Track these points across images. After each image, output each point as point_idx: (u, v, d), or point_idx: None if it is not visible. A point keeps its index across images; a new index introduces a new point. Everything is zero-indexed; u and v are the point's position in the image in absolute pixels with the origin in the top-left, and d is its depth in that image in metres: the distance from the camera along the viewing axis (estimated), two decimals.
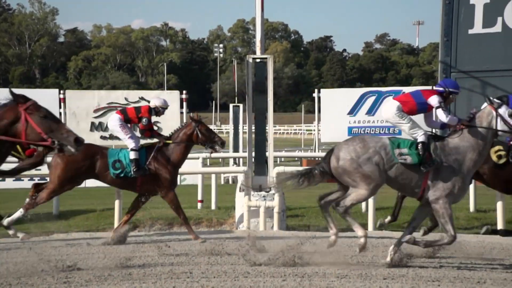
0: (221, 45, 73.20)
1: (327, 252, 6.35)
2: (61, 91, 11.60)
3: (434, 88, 6.33)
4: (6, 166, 5.08)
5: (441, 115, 6.01)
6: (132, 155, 7.27)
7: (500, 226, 7.77)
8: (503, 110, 5.83)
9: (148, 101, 11.52)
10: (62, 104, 11.40)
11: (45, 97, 11.59)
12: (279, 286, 5.07)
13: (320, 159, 7.85)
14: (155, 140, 7.64)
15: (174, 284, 5.10)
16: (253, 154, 8.92)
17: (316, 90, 11.47)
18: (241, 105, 16.65)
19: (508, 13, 8.20)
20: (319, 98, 11.18)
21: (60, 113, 11.42)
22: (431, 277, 5.33)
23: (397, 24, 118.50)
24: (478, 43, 8.33)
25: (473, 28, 8.36)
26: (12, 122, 4.05)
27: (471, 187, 10.36)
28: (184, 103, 11.52)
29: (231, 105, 17.17)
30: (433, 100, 6.04)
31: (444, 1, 8.43)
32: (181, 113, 11.43)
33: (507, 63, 8.18)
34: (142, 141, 7.67)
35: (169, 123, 11.43)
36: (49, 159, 7.38)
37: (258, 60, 8.99)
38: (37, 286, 5.09)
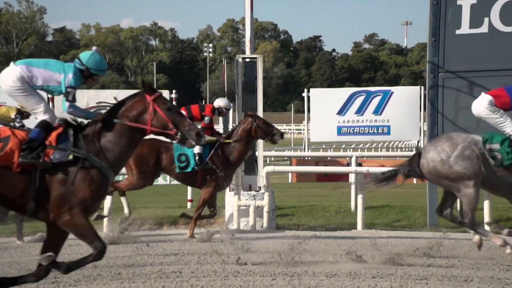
0: (210, 45, 73.07)
1: (316, 251, 6.39)
2: None
3: None
4: None
5: None
6: (197, 149, 7.38)
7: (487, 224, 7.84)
8: None
9: None
10: (51, 103, 11.31)
11: None
12: (268, 285, 5.08)
13: (308, 158, 7.87)
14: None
15: (163, 284, 5.09)
16: None
17: (305, 90, 11.53)
18: (231, 105, 16.63)
19: (494, 14, 8.28)
20: (308, 97, 11.23)
21: None
22: (420, 275, 5.36)
23: (385, 24, 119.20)
24: (465, 43, 8.40)
25: (460, 29, 8.42)
26: (141, 112, 4.27)
27: None
28: (174, 103, 11.51)
29: None
30: None
31: (431, 1, 8.49)
32: None
33: (494, 63, 8.26)
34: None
35: None
36: None
37: (247, 60, 9.00)
38: (25, 286, 5.05)
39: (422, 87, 10.32)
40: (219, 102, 7.97)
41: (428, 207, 8.57)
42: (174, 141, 4.43)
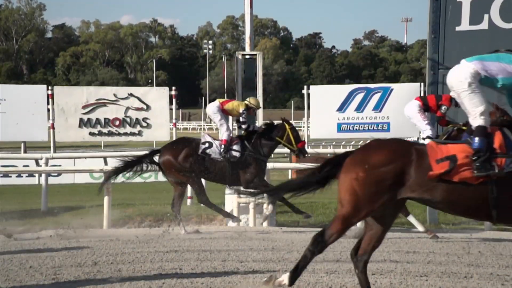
0: (210, 42, 73.00)
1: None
2: (49, 87, 11.52)
3: None
4: None
5: None
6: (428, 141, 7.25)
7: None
8: None
9: (137, 97, 11.52)
10: (50, 100, 11.33)
11: (33, 93, 11.55)
12: None
13: (308, 155, 7.82)
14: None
15: (163, 280, 5.10)
16: None
17: (305, 87, 11.51)
18: None
19: (494, 11, 8.28)
20: (308, 94, 11.21)
21: (48, 109, 11.38)
22: (419, 272, 5.37)
23: (385, 21, 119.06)
24: (465, 40, 8.40)
25: (460, 25, 8.42)
26: None
27: None
28: (174, 100, 11.50)
29: None
30: None
31: None
32: (170, 109, 11.42)
33: None
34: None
35: (158, 119, 11.42)
36: None
37: (247, 57, 9.00)
38: (25, 283, 5.06)
39: (422, 84, 10.32)
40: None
41: None
42: None
